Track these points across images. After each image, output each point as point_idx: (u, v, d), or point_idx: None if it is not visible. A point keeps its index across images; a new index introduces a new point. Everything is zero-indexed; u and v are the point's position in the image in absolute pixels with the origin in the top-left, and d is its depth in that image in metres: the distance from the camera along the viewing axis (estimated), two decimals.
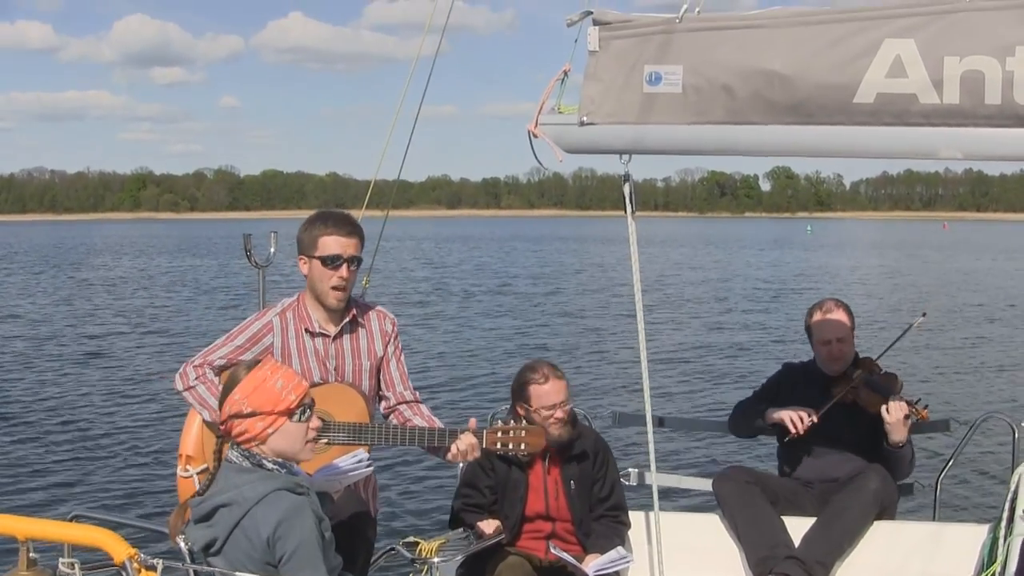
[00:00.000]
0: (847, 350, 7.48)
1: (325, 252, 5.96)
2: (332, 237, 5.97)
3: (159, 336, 33.65)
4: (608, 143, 5.65)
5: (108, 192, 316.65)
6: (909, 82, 4.99)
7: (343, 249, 5.95)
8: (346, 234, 5.98)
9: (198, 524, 4.52)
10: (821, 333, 7.49)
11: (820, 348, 7.52)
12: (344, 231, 5.98)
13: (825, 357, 7.50)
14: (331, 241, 5.96)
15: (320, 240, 5.99)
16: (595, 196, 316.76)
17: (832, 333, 7.44)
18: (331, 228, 5.99)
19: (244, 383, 4.52)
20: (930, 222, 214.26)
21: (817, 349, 7.57)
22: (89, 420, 20.26)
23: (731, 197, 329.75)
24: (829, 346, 7.44)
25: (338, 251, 5.94)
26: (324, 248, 5.97)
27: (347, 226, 6.02)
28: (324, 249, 5.97)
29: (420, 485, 14.69)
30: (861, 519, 6.91)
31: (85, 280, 61.01)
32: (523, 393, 6.55)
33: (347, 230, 6.00)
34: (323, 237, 5.98)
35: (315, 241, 6.00)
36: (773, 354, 28.13)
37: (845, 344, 7.46)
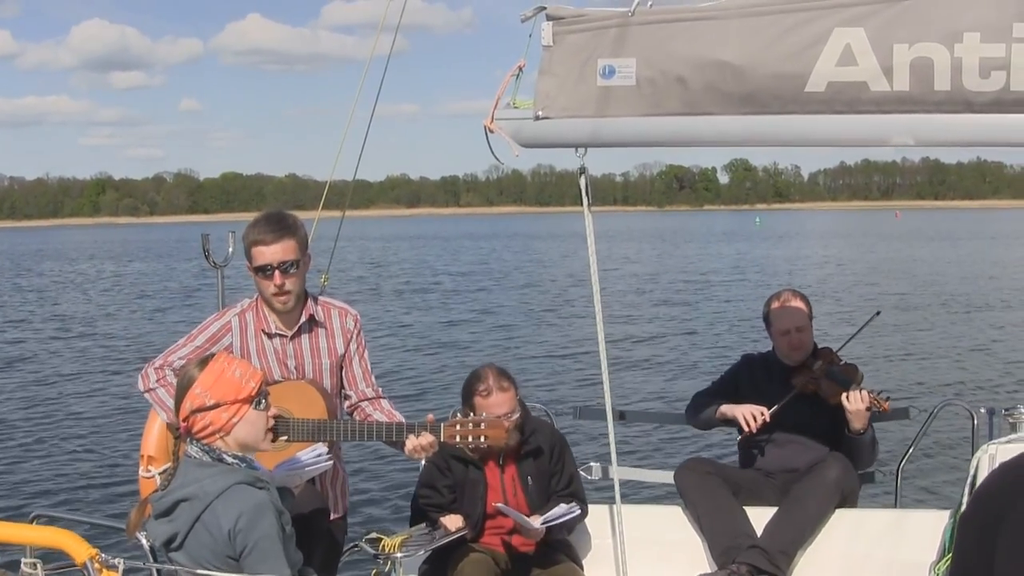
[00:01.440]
0: (806, 339, 7.51)
1: (256, 263, 5.93)
2: (259, 247, 5.90)
3: (120, 337, 33.59)
4: (564, 137, 5.67)
5: (67, 198, 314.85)
6: (859, 70, 5.02)
7: (272, 257, 5.87)
8: (274, 240, 5.88)
9: (159, 519, 4.52)
10: (780, 323, 7.52)
11: (779, 338, 7.55)
12: (272, 238, 5.88)
13: (785, 347, 7.52)
14: (260, 251, 5.90)
15: (252, 251, 5.94)
16: (554, 192, 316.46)
17: (791, 323, 7.47)
18: (259, 237, 5.90)
19: (203, 376, 4.53)
20: (885, 211, 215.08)
21: (776, 339, 7.59)
22: (51, 421, 20.25)
23: (690, 190, 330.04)
24: (788, 336, 7.47)
25: (267, 260, 5.88)
26: (255, 258, 5.93)
27: (275, 232, 5.90)
28: (256, 259, 5.93)
29: (386, 481, 14.71)
30: (823, 508, 6.93)
31: (45, 284, 60.79)
32: (469, 400, 6.55)
33: (274, 237, 5.89)
34: (253, 248, 5.93)
35: (248, 251, 5.96)
36: (731, 345, 28.40)
37: (804, 333, 7.49)
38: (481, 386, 6.51)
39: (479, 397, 6.49)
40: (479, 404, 6.47)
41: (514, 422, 6.53)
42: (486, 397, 6.47)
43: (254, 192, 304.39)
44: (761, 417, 7.23)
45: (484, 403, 6.46)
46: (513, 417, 6.52)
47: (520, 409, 6.65)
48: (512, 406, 6.53)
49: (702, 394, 7.87)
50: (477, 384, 6.54)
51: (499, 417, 6.39)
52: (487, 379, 6.53)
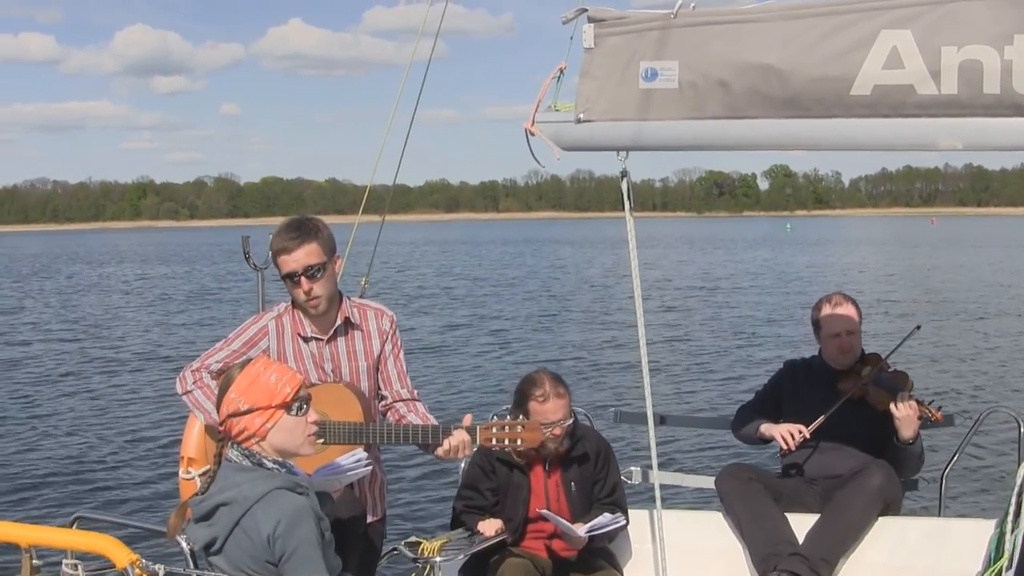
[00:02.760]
0: (855, 344, 7.47)
1: (283, 271, 5.93)
2: (283, 255, 5.89)
3: (161, 340, 33.80)
4: (605, 140, 5.63)
5: (109, 201, 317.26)
6: (906, 73, 4.96)
7: (296, 264, 5.85)
8: (296, 246, 5.86)
9: (198, 523, 4.51)
10: (830, 326, 7.47)
11: (828, 341, 7.49)
12: (293, 245, 5.86)
13: (833, 351, 7.47)
14: (284, 260, 5.89)
15: (277, 260, 5.94)
16: (593, 197, 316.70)
17: (841, 326, 7.42)
18: (282, 245, 5.90)
19: (239, 380, 4.51)
20: (922, 218, 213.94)
21: (825, 342, 7.54)
22: (92, 424, 20.34)
23: (729, 196, 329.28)
24: (838, 339, 7.42)
25: (292, 268, 5.87)
26: (282, 267, 5.93)
27: (296, 239, 5.88)
28: (282, 268, 5.93)
29: (425, 485, 14.70)
30: (865, 515, 6.88)
31: (86, 287, 61.21)
32: (524, 405, 6.53)
33: (296, 243, 5.86)
34: (278, 257, 5.93)
35: (275, 260, 5.97)
36: (769, 348, 28.42)
37: (853, 337, 7.44)
38: (538, 391, 6.49)
39: (535, 402, 6.47)
40: (534, 409, 6.45)
41: (565, 429, 6.51)
42: (543, 403, 6.45)
43: (294, 196, 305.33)
44: (800, 435, 7.19)
45: (540, 409, 6.44)
46: (566, 424, 6.50)
47: (572, 416, 6.63)
48: (566, 413, 6.52)
49: (746, 408, 7.83)
50: (533, 389, 6.52)
51: (553, 423, 6.38)
52: (544, 385, 6.51)
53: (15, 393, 24.05)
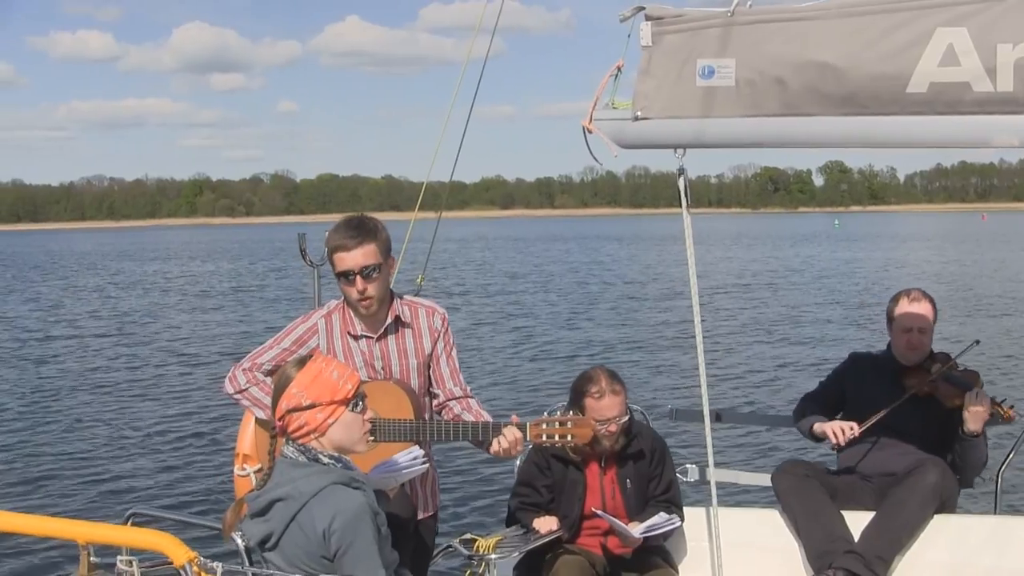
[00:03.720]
0: (926, 341, 7.43)
1: (338, 269, 5.93)
2: (340, 253, 5.89)
3: (213, 337, 34.05)
4: (662, 138, 5.67)
5: (165, 199, 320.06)
6: (962, 71, 4.96)
7: (353, 263, 5.85)
8: (355, 245, 5.86)
9: (254, 519, 4.54)
10: (903, 321, 7.44)
11: (899, 335, 7.46)
12: (352, 244, 5.87)
13: (903, 346, 7.44)
14: (341, 257, 5.90)
15: (333, 257, 5.94)
16: (648, 194, 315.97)
17: (915, 322, 7.39)
18: (340, 242, 5.90)
19: (300, 376, 4.53)
20: (974, 213, 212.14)
21: (896, 337, 7.51)
22: (147, 420, 20.50)
23: (784, 192, 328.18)
24: (909, 334, 7.39)
25: (348, 266, 5.87)
26: (337, 265, 5.93)
27: (355, 238, 5.89)
28: (337, 266, 5.93)
29: (479, 482, 14.73)
30: (920, 513, 6.84)
31: (139, 283, 61.77)
32: (580, 402, 6.53)
33: (355, 242, 5.87)
34: (335, 254, 5.93)
35: (331, 258, 5.97)
36: (822, 345, 28.31)
37: (925, 335, 7.41)
38: (594, 388, 6.50)
39: (591, 399, 6.48)
40: (590, 406, 6.46)
41: (622, 426, 6.53)
42: (598, 399, 6.47)
43: (349, 193, 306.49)
44: (850, 431, 7.18)
45: (596, 405, 6.46)
46: (621, 421, 6.52)
47: (628, 413, 6.64)
48: (622, 410, 6.52)
49: (808, 397, 7.82)
50: (589, 386, 6.53)
51: (608, 420, 6.40)
52: (600, 381, 6.52)
53: (68, 391, 24.23)
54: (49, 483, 15.84)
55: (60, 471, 16.56)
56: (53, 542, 11.28)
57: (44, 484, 15.79)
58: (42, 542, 11.85)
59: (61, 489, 15.45)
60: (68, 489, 15.45)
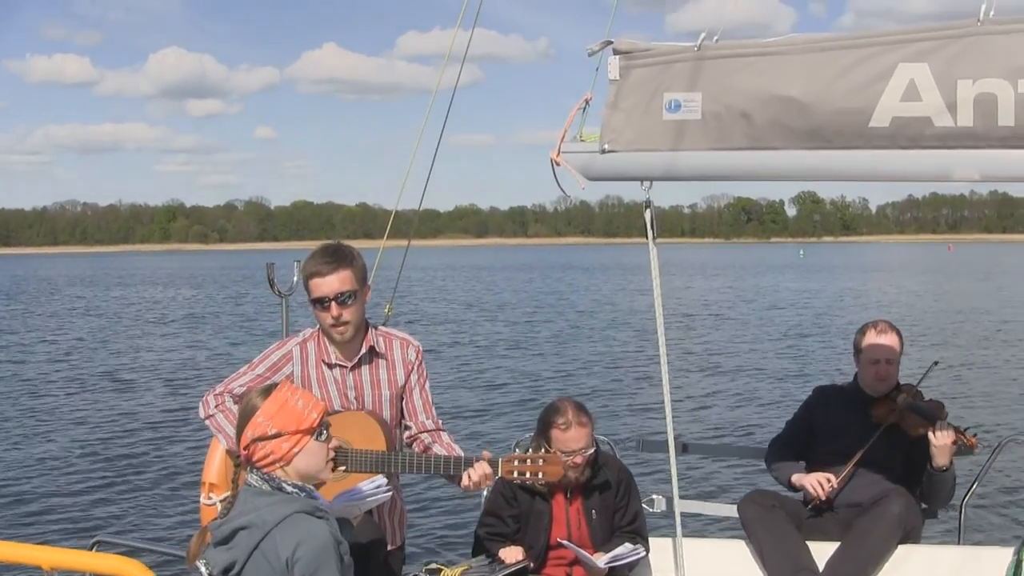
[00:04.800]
0: (893, 372, 7.49)
1: (313, 295, 5.95)
2: (316, 279, 5.92)
3: (185, 364, 33.87)
4: (629, 170, 5.70)
5: (139, 224, 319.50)
6: (924, 106, 5.03)
7: (328, 289, 5.89)
8: (330, 272, 5.90)
9: (218, 547, 4.54)
10: (871, 352, 7.50)
11: (868, 368, 7.52)
12: (327, 270, 5.91)
13: (872, 377, 7.49)
14: (316, 283, 5.92)
15: (309, 283, 5.97)
16: (622, 223, 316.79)
17: (883, 354, 7.45)
18: (315, 268, 5.93)
19: (266, 405, 4.54)
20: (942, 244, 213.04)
21: (863, 368, 7.57)
22: (113, 448, 20.37)
23: (757, 223, 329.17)
24: (878, 366, 7.44)
25: (323, 292, 5.90)
26: (313, 291, 5.95)
27: (330, 264, 5.93)
28: (313, 292, 5.95)
29: (445, 512, 14.70)
30: (885, 543, 6.90)
31: (108, 309, 61.52)
32: (546, 432, 6.57)
33: (330, 268, 5.91)
34: (310, 280, 5.96)
35: (306, 283, 6.00)
36: (793, 375, 28.42)
37: (892, 366, 7.47)
38: (560, 419, 6.53)
39: (557, 430, 6.51)
40: (556, 437, 6.49)
41: (587, 459, 6.56)
42: (565, 431, 6.49)
43: (323, 220, 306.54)
44: (828, 485, 7.22)
45: (562, 437, 6.48)
46: (587, 453, 6.55)
47: (594, 445, 6.67)
48: (588, 442, 6.55)
49: (778, 441, 7.89)
50: (556, 417, 6.56)
51: (573, 452, 6.42)
52: (566, 413, 6.55)
53: (33, 416, 24.17)
54: (13, 509, 15.77)
55: (24, 497, 16.48)
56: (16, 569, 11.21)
57: (7, 510, 15.70)
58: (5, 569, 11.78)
59: (24, 516, 15.36)
60: (32, 516, 15.35)
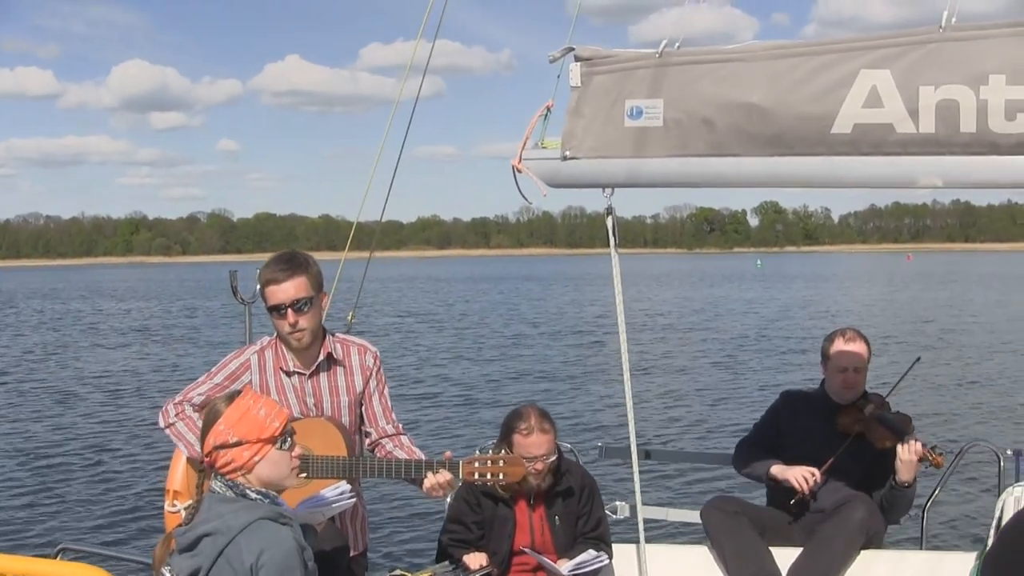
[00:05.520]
0: (861, 381, 7.48)
1: (270, 303, 5.93)
2: (271, 286, 5.90)
3: (147, 372, 33.88)
4: (591, 177, 5.70)
5: (102, 237, 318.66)
6: (886, 112, 5.04)
7: (284, 296, 5.86)
8: (285, 279, 5.87)
9: (183, 554, 4.52)
10: (839, 360, 7.48)
11: (835, 375, 7.51)
12: (283, 277, 5.88)
13: (838, 385, 7.49)
14: (272, 291, 5.90)
15: (265, 291, 5.94)
16: (584, 234, 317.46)
17: (850, 362, 7.44)
18: (271, 276, 5.91)
19: (228, 413, 4.52)
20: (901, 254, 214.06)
21: (831, 376, 7.55)
22: (77, 455, 20.36)
23: (719, 233, 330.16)
24: (845, 374, 7.43)
25: (279, 300, 5.87)
26: (269, 299, 5.93)
27: (285, 271, 5.90)
28: (269, 300, 5.93)
29: (408, 518, 14.71)
30: (847, 548, 6.90)
31: (72, 320, 61.29)
32: (509, 438, 6.57)
33: (285, 275, 5.88)
34: (266, 288, 5.93)
35: (262, 291, 5.97)
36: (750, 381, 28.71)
37: (860, 374, 7.46)
38: (523, 425, 6.53)
39: (519, 435, 6.51)
40: (518, 443, 6.49)
41: (549, 465, 6.56)
42: (526, 436, 6.50)
43: (286, 232, 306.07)
44: (813, 478, 7.22)
45: (524, 442, 6.48)
46: (549, 460, 6.54)
47: (557, 452, 6.67)
48: (550, 448, 6.55)
49: (745, 443, 7.84)
50: (518, 423, 6.56)
51: (535, 458, 6.42)
52: (529, 419, 6.55)
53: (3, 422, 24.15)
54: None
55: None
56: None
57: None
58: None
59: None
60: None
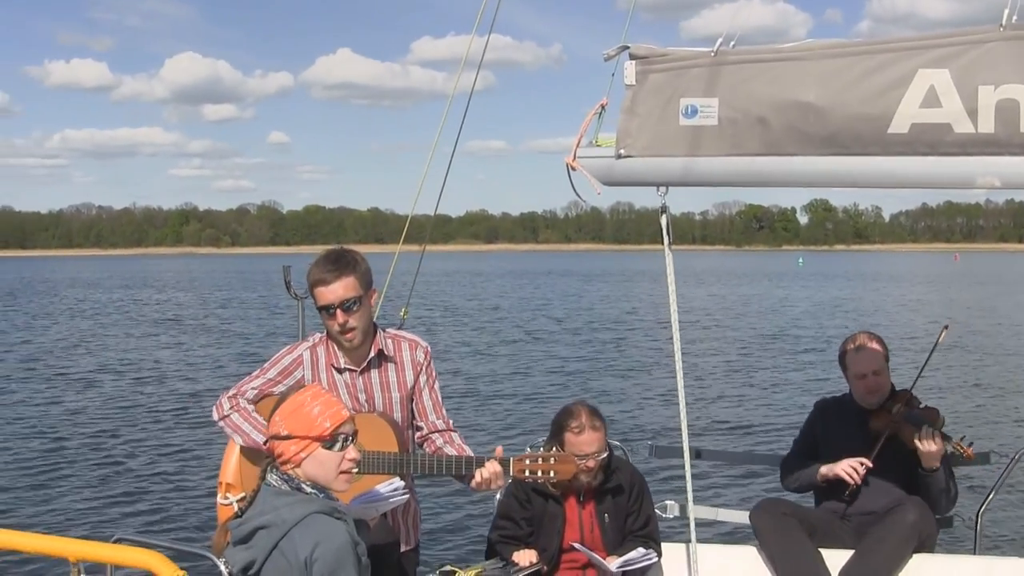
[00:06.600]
0: (883, 382, 7.44)
1: (319, 303, 5.94)
2: (320, 287, 5.90)
3: (198, 364, 34.15)
4: (645, 176, 5.69)
5: (152, 228, 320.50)
6: (943, 112, 5.01)
7: (333, 297, 5.86)
8: (334, 279, 5.87)
9: (237, 546, 4.53)
10: (857, 366, 7.45)
11: (856, 382, 7.48)
12: (331, 278, 5.88)
13: (862, 391, 7.45)
14: (321, 292, 5.90)
15: (314, 292, 5.96)
16: (633, 230, 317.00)
17: (867, 366, 7.40)
18: (319, 276, 5.91)
19: (284, 405, 4.57)
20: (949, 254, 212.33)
21: (853, 383, 7.53)
22: (131, 448, 20.49)
23: (768, 230, 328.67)
24: (865, 380, 7.40)
25: (328, 300, 5.88)
26: (318, 299, 5.94)
27: (333, 271, 5.90)
28: (318, 300, 5.94)
29: (459, 514, 14.74)
30: (899, 551, 6.86)
31: (127, 311, 61.72)
32: (560, 436, 6.57)
33: (334, 276, 5.88)
34: (315, 288, 5.94)
35: (312, 292, 5.98)
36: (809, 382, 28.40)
37: (881, 376, 7.42)
38: (574, 423, 6.53)
39: (570, 433, 6.51)
40: (569, 440, 6.49)
41: (600, 463, 6.54)
42: (578, 434, 6.49)
43: (335, 225, 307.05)
44: (862, 467, 7.18)
45: (575, 440, 6.48)
46: (600, 457, 6.53)
47: (607, 450, 6.65)
48: (601, 446, 6.55)
49: (789, 459, 7.82)
50: (570, 421, 6.56)
51: (587, 455, 6.41)
52: (580, 417, 6.55)
53: (62, 411, 24.44)
54: (34, 505, 15.90)
55: (46, 494, 16.59)
56: (39, 559, 11.28)
57: (29, 505, 15.87)
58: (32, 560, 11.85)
59: (44, 514, 15.43)
60: (53, 513, 15.45)
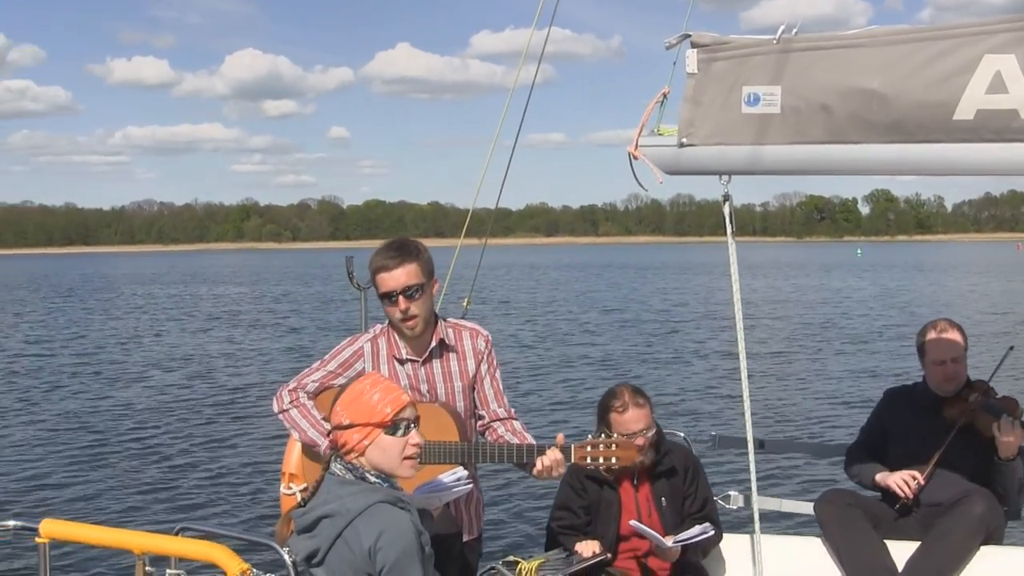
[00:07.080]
0: (961, 370, 7.37)
1: (381, 290, 5.95)
2: (382, 274, 5.92)
3: (262, 356, 34.47)
4: (707, 164, 5.66)
5: (213, 223, 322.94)
6: (1010, 98, 4.95)
7: (395, 284, 5.88)
8: (396, 266, 5.89)
9: (301, 535, 4.56)
10: (936, 353, 7.38)
11: (934, 369, 7.40)
12: (393, 264, 5.90)
13: (939, 378, 7.37)
14: (383, 278, 5.92)
15: (376, 279, 5.97)
16: (693, 222, 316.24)
17: (947, 353, 7.33)
18: (382, 263, 5.93)
19: (344, 395, 4.60)
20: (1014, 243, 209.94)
21: (930, 370, 7.45)
22: (196, 438, 20.72)
23: (830, 221, 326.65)
24: (943, 366, 7.32)
25: (390, 287, 5.89)
26: (380, 286, 5.95)
27: (396, 258, 5.92)
28: (380, 287, 5.95)
29: (522, 504, 14.78)
30: (966, 543, 6.78)
31: (191, 304, 62.24)
32: (605, 418, 6.58)
33: (396, 262, 5.90)
34: (377, 275, 5.95)
35: (374, 280, 6.00)
36: (872, 373, 28.20)
37: (959, 364, 7.34)
38: (617, 402, 6.53)
39: (615, 413, 6.51)
40: (615, 420, 6.49)
41: (649, 439, 6.54)
42: (622, 413, 6.49)
43: (395, 219, 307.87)
44: (914, 482, 7.13)
45: (620, 419, 6.48)
46: (648, 434, 6.53)
47: (655, 427, 6.65)
48: (648, 422, 6.54)
49: (855, 449, 7.77)
50: (612, 401, 6.57)
51: (635, 433, 6.40)
52: (622, 395, 6.56)
53: (127, 403, 24.80)
54: (98, 497, 16.12)
55: (110, 486, 16.82)
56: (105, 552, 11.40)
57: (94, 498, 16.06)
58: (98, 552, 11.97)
59: (109, 505, 15.65)
60: (115, 504, 15.64)
